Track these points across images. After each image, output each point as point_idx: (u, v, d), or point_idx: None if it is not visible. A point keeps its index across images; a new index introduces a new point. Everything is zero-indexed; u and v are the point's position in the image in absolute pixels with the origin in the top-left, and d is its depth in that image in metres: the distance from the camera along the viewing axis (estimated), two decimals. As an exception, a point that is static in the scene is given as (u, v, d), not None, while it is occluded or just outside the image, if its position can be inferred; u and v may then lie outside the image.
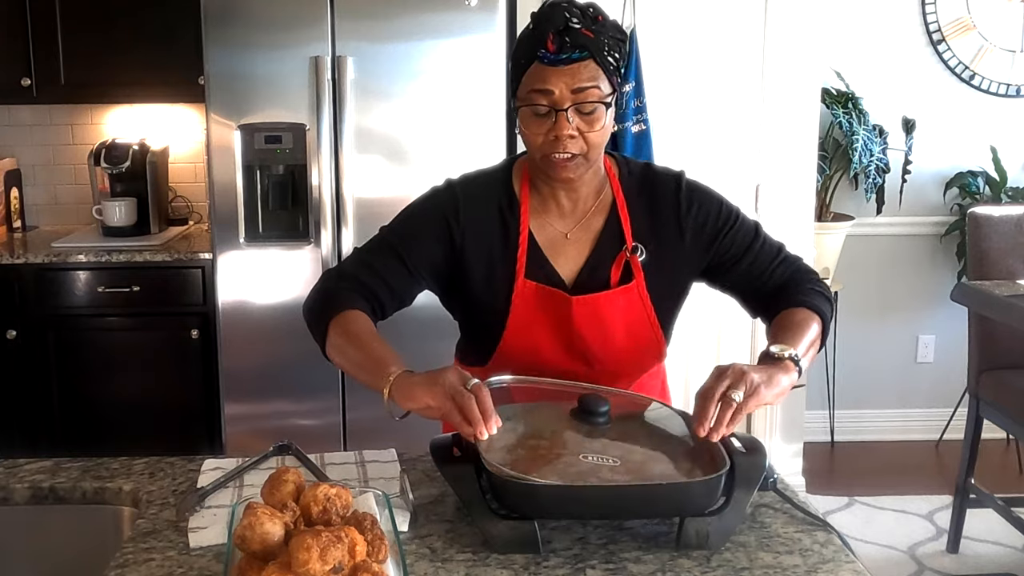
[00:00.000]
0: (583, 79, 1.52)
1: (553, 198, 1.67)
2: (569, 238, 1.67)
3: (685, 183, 1.69)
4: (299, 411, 3.34)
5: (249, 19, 3.19)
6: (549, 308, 1.65)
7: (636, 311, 1.67)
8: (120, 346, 3.54)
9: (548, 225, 1.67)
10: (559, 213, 1.67)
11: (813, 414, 4.06)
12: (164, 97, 3.80)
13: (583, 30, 1.52)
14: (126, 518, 1.54)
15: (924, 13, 4.05)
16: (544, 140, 1.55)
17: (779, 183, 3.57)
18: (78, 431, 3.54)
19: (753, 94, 3.53)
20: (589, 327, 1.66)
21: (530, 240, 1.66)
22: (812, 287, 1.67)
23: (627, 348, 1.69)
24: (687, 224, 1.67)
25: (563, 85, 1.52)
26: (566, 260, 1.67)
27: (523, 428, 1.46)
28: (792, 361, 1.51)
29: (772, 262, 1.69)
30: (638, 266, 1.65)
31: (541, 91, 1.53)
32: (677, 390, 1.94)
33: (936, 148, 4.14)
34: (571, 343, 1.67)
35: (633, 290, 1.66)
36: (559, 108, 1.53)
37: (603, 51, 1.53)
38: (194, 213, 4.01)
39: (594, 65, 1.53)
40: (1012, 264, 3.32)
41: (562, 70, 1.52)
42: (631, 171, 1.71)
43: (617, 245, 1.66)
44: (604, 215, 1.67)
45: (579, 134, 1.55)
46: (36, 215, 4.07)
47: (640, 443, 1.46)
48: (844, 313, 4.18)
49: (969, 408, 3.35)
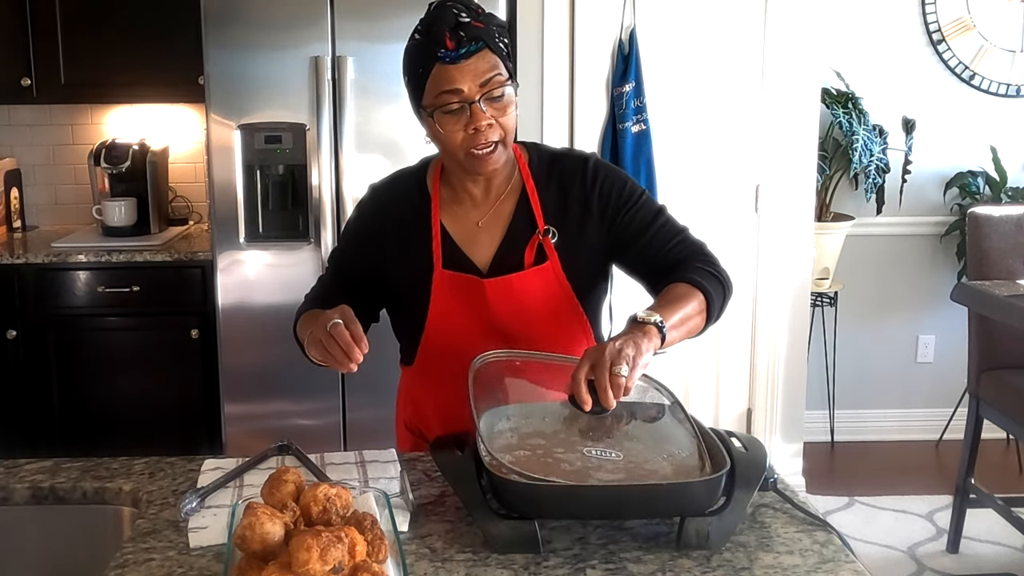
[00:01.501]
0: (486, 69, 1.58)
1: (464, 189, 1.72)
2: (481, 226, 1.72)
3: (593, 162, 1.75)
4: (299, 411, 3.34)
5: (249, 19, 3.19)
6: (465, 294, 1.70)
7: (553, 290, 1.70)
8: (120, 346, 3.54)
9: (460, 216, 1.73)
10: (471, 203, 1.73)
11: (813, 414, 4.06)
12: (164, 97, 3.80)
13: (474, 23, 1.59)
14: (126, 518, 1.54)
15: (924, 13, 4.05)
16: (464, 136, 1.60)
17: (779, 183, 3.57)
18: (78, 431, 3.54)
19: (753, 94, 3.53)
20: (505, 308, 1.70)
21: (443, 232, 1.72)
22: (704, 266, 1.66)
23: (548, 328, 1.72)
24: (593, 200, 1.71)
25: (469, 79, 1.58)
26: (479, 247, 1.72)
27: (523, 428, 1.46)
28: (656, 327, 1.49)
29: (670, 241, 1.71)
30: (551, 247, 1.69)
31: (450, 91, 1.58)
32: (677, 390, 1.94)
33: (936, 148, 4.14)
34: (490, 325, 1.70)
35: (548, 270, 1.70)
36: (471, 101, 1.58)
37: (495, 38, 1.61)
38: (194, 213, 4.01)
39: (490, 53, 1.60)
40: (1012, 264, 3.32)
41: (464, 65, 1.58)
42: (540, 157, 1.76)
43: (529, 229, 1.71)
44: (514, 200, 1.73)
45: (494, 122, 1.60)
46: (36, 215, 4.07)
47: (641, 442, 1.46)
48: (844, 313, 4.18)
49: (969, 408, 3.35)
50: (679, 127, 3.52)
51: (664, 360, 3.43)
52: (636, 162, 3.44)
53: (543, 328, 1.71)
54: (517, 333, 1.70)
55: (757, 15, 3.49)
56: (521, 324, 1.70)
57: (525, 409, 1.53)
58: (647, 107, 3.44)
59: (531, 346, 1.69)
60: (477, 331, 1.70)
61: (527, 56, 3.42)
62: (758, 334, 3.66)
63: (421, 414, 1.83)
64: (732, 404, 3.72)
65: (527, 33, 3.42)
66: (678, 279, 1.63)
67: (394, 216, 1.74)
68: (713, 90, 3.52)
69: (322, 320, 1.51)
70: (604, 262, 1.76)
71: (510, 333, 1.70)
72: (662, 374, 1.66)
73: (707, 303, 1.61)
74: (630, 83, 3.41)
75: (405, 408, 1.88)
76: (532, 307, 1.70)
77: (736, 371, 3.69)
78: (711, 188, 3.57)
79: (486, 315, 1.70)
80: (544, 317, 1.71)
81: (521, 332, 1.70)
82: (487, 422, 1.47)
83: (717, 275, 1.66)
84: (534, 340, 1.70)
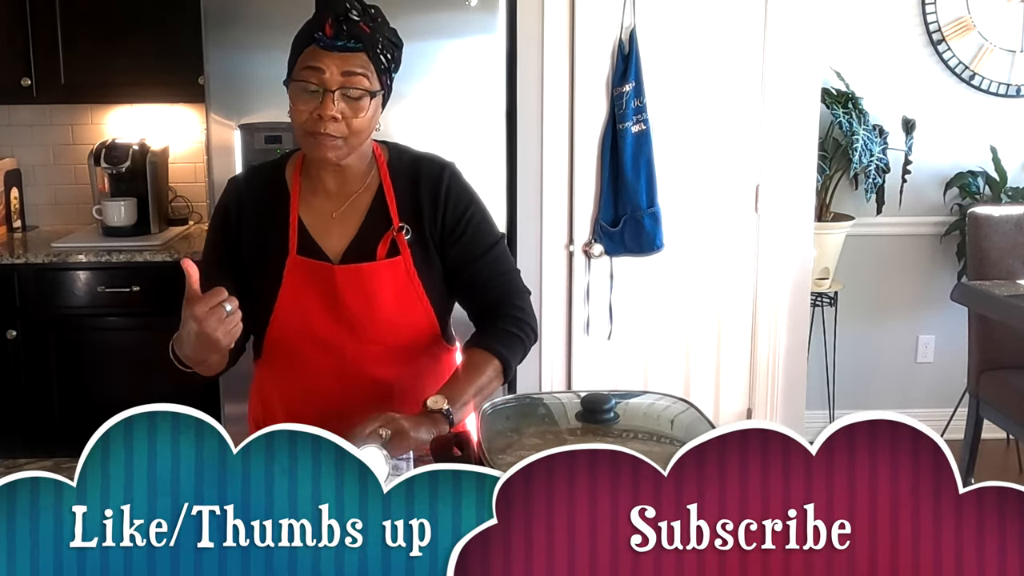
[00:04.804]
0: (353, 65, 1.64)
1: (320, 181, 1.78)
2: (335, 217, 1.78)
3: (449, 173, 1.81)
4: (299, 411, 3.33)
5: (249, 19, 3.19)
6: (316, 279, 1.75)
7: (403, 284, 1.77)
8: (120, 346, 3.54)
9: (316, 206, 1.79)
10: (325, 195, 1.79)
11: (813, 414, 4.06)
12: (164, 97, 3.79)
13: (361, 24, 1.65)
14: (126, 518, 1.53)
15: (924, 13, 4.05)
16: (309, 117, 1.66)
17: (779, 183, 3.57)
18: (78, 431, 3.52)
19: (753, 94, 3.53)
20: (354, 296, 1.75)
21: (299, 222, 1.77)
22: (507, 326, 1.77)
23: (395, 321, 1.78)
24: (439, 211, 1.78)
25: (334, 68, 1.63)
26: (332, 237, 1.77)
27: (524, 428, 1.46)
28: (443, 415, 1.61)
29: (493, 279, 1.81)
30: (404, 243, 1.76)
31: (313, 68, 1.64)
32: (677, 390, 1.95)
33: (936, 148, 4.14)
34: (338, 312, 1.76)
35: (399, 264, 1.76)
36: (327, 89, 1.63)
37: (376, 48, 1.66)
38: (194, 213, 4.01)
39: (366, 58, 1.65)
40: (1012, 264, 3.33)
41: (334, 55, 1.64)
42: (401, 158, 1.83)
43: (383, 225, 1.77)
44: (370, 196, 1.78)
45: (343, 119, 1.65)
46: (36, 215, 4.07)
47: (645, 442, 1.46)
48: (844, 313, 4.18)
49: (969, 408, 3.36)
50: (679, 127, 3.52)
51: (665, 360, 3.44)
52: (636, 162, 3.44)
53: (390, 319, 1.78)
54: (364, 322, 1.76)
55: (757, 15, 3.49)
56: (366, 311, 1.76)
57: (525, 409, 1.53)
58: (647, 107, 3.44)
59: (377, 336, 1.77)
60: (325, 318, 1.76)
61: (527, 56, 3.42)
62: (758, 334, 3.67)
63: (269, 408, 1.87)
64: (732, 404, 3.71)
65: (527, 33, 3.42)
66: (479, 344, 1.75)
67: (251, 205, 1.81)
68: (713, 90, 3.52)
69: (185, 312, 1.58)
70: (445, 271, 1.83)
71: (357, 322, 1.76)
72: (663, 373, 1.67)
73: (503, 367, 1.74)
74: (630, 83, 3.41)
75: (255, 405, 1.93)
76: (381, 298, 1.76)
77: (736, 371, 3.69)
78: (711, 188, 3.57)
79: (335, 302, 1.75)
80: (392, 309, 1.77)
81: (368, 321, 1.77)
82: (488, 422, 1.47)
83: (520, 334, 1.78)
84: (381, 330, 1.78)
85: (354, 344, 1.77)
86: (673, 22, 3.47)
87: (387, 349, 1.79)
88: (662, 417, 1.54)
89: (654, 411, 1.56)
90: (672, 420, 1.53)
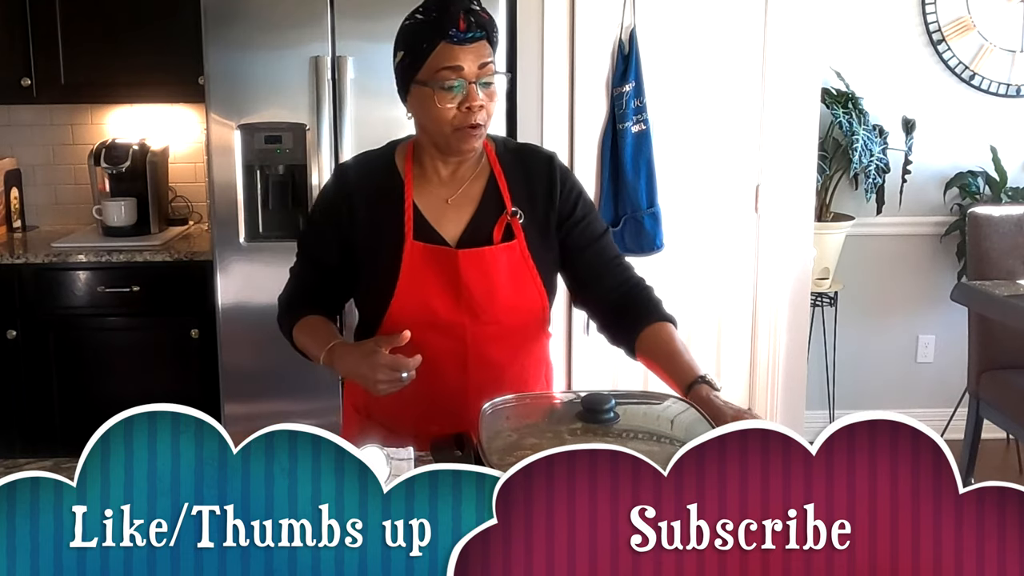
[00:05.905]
0: (483, 55, 1.70)
1: (434, 170, 1.83)
2: (450, 203, 1.82)
3: (557, 161, 1.88)
4: (299, 411, 3.33)
5: (249, 19, 3.19)
6: (437, 264, 1.79)
7: (519, 267, 1.81)
8: (120, 346, 3.54)
9: (430, 193, 1.82)
10: (439, 182, 1.83)
11: (813, 414, 4.06)
12: (164, 97, 3.80)
13: (482, 12, 1.72)
14: (126, 518, 1.53)
15: (924, 13, 4.04)
16: (457, 113, 1.70)
17: (779, 183, 3.57)
18: (78, 431, 3.52)
19: (753, 94, 3.53)
20: (475, 280, 1.78)
21: (415, 208, 1.81)
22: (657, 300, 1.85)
23: (512, 303, 1.82)
24: (556, 197, 1.84)
25: (470, 60, 1.68)
26: (448, 223, 1.81)
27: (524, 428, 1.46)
28: (712, 387, 1.65)
29: (613, 259, 1.88)
30: (519, 227, 1.81)
31: (452, 68, 1.68)
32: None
33: (936, 148, 4.14)
34: (459, 296, 1.79)
35: (515, 248, 1.81)
36: (470, 81, 1.69)
37: (494, 33, 1.73)
38: (194, 213, 4.01)
39: (488, 45, 1.72)
40: (1012, 264, 3.33)
41: (468, 48, 1.68)
42: (507, 146, 1.90)
43: (497, 209, 1.82)
44: (483, 183, 1.84)
45: (484, 105, 1.72)
46: (36, 215, 4.07)
47: (645, 442, 1.46)
48: (844, 313, 4.18)
49: (969, 408, 3.36)
50: (679, 127, 3.52)
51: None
52: (636, 162, 3.44)
53: (508, 301, 1.81)
54: (484, 304, 1.80)
55: (757, 15, 3.49)
56: (486, 295, 1.79)
57: (525, 409, 1.53)
58: (647, 107, 3.43)
59: (496, 317, 1.80)
60: (446, 301, 1.78)
61: (527, 56, 3.42)
62: (758, 334, 3.67)
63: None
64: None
65: (527, 33, 3.42)
66: (661, 317, 1.81)
67: (362, 192, 1.83)
68: (713, 90, 3.51)
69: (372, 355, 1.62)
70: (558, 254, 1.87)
71: (477, 304, 1.79)
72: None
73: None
74: (630, 83, 3.41)
75: (355, 387, 1.91)
76: (500, 280, 1.80)
77: (736, 371, 3.69)
78: (711, 188, 3.57)
79: (455, 285, 1.78)
80: (509, 291, 1.81)
81: (488, 303, 1.80)
82: (487, 422, 1.47)
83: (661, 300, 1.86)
84: (499, 312, 1.81)
85: (474, 326, 1.80)
86: (673, 22, 3.47)
87: (503, 330, 1.83)
88: (662, 417, 1.54)
89: (654, 411, 1.56)
90: (672, 420, 1.53)
